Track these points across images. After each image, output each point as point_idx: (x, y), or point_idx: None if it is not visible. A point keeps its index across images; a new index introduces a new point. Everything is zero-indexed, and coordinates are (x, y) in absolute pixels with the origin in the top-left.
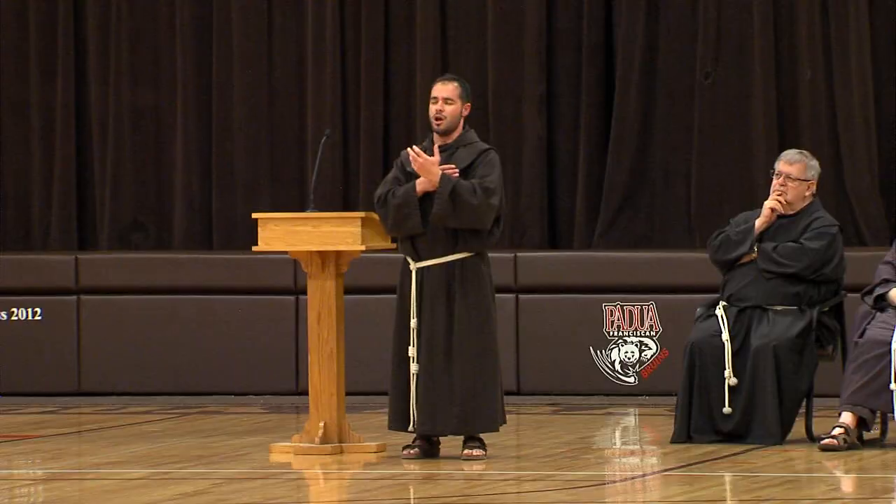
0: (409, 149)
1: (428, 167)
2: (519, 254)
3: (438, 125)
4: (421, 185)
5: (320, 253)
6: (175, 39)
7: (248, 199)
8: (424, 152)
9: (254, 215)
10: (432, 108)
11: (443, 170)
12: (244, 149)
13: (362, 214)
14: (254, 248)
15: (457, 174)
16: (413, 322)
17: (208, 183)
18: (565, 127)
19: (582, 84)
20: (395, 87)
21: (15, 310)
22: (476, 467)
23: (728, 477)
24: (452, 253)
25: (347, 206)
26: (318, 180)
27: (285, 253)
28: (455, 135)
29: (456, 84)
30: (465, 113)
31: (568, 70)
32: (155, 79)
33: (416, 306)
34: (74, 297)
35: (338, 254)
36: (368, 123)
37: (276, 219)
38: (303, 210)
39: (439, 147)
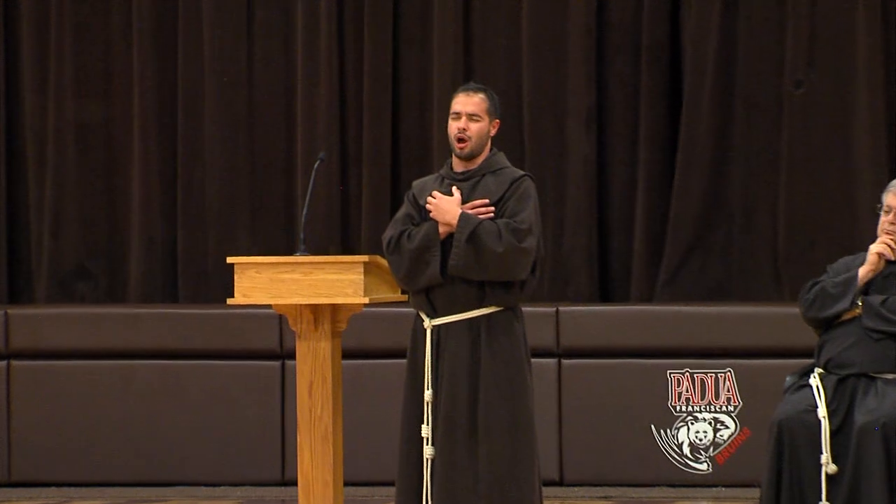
0: (430, 193)
1: (443, 206)
2: (561, 308)
3: (462, 148)
4: (442, 226)
5: (312, 307)
6: (131, 38)
7: (222, 239)
8: (441, 185)
9: (229, 260)
10: (453, 126)
11: (470, 207)
12: (218, 176)
13: (365, 258)
14: (229, 301)
15: (490, 212)
16: (427, 394)
17: (172, 219)
18: (619, 148)
19: (640, 95)
20: (406, 100)
21: None
22: None
23: None
24: (477, 307)
25: (346, 248)
26: (309, 216)
27: (269, 307)
28: (480, 159)
29: (483, 96)
30: (494, 131)
31: (623, 77)
32: (105, 87)
33: (432, 374)
34: (3, 363)
35: (334, 308)
36: (373, 145)
37: (257, 264)
38: (291, 253)
39: (461, 174)
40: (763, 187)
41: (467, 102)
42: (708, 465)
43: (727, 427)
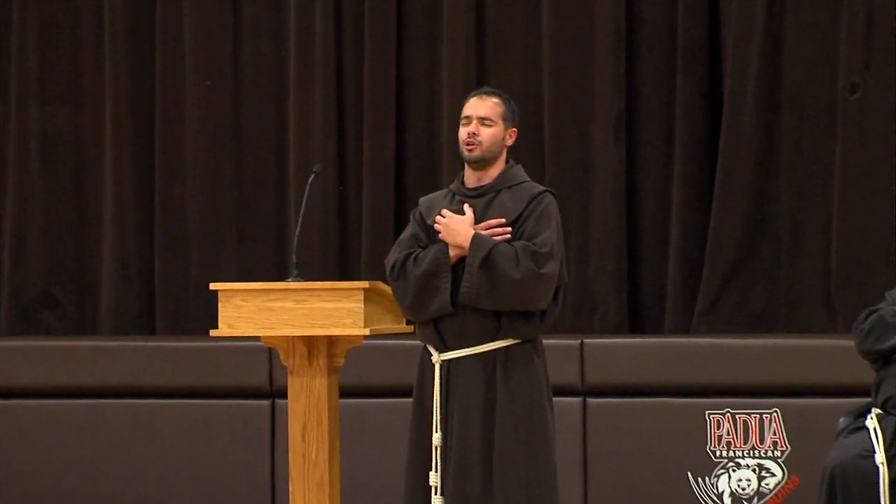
0: (439, 211)
1: (454, 227)
2: (587, 340)
3: (470, 151)
4: (453, 248)
5: (306, 339)
6: (102, 37)
7: (205, 263)
8: (451, 202)
9: (213, 286)
10: (462, 132)
11: (484, 227)
12: (200, 192)
13: (365, 285)
14: (213, 333)
15: (507, 233)
16: (436, 437)
17: (149, 240)
18: (652, 161)
19: (676, 100)
20: (411, 106)
21: None
22: None
23: None
24: (492, 340)
25: (345, 273)
26: (303, 237)
27: (257, 339)
28: (495, 171)
29: (497, 100)
30: (510, 141)
31: (656, 80)
32: (74, 93)
33: (441, 415)
34: None
35: (331, 340)
36: (374, 157)
37: (244, 291)
38: (282, 279)
39: (474, 189)
40: (814, 204)
41: (479, 106)
42: None
43: (773, 475)
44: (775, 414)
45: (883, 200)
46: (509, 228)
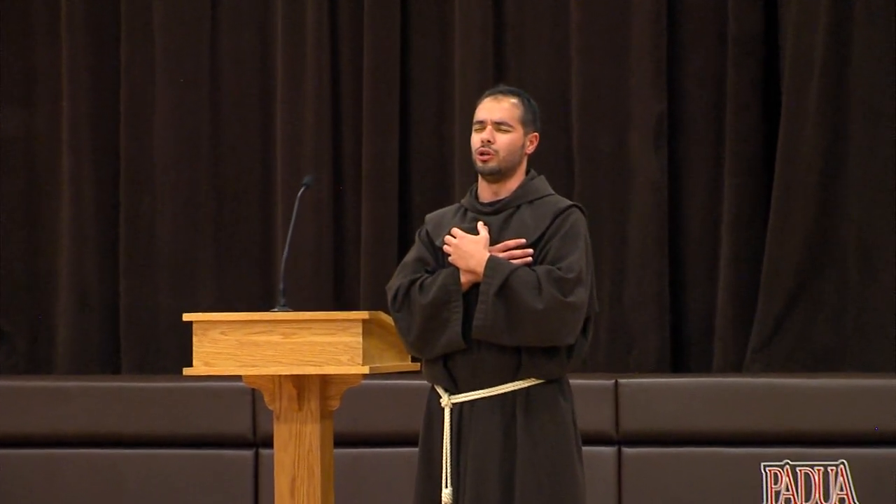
0: (449, 230)
1: (466, 249)
2: (622, 380)
3: (485, 161)
4: (465, 274)
5: (296, 379)
6: (59, 29)
7: (177, 290)
8: (463, 219)
9: (186, 317)
10: (475, 139)
11: (502, 249)
12: (172, 207)
13: (365, 315)
14: (186, 372)
15: (527, 256)
16: (446, 493)
17: (112, 263)
18: (698, 171)
19: (726, 101)
20: (418, 108)
21: None
22: None
23: None
24: (512, 380)
25: (340, 302)
26: (292, 259)
27: (238, 379)
28: (513, 183)
29: (515, 100)
30: (531, 148)
31: (702, 78)
32: (26, 92)
33: (452, 466)
34: None
35: (324, 380)
36: (375, 166)
37: (223, 323)
38: (268, 309)
39: (489, 205)
40: (886, 221)
41: (494, 108)
42: None
43: None
44: (842, 466)
45: None
46: (530, 250)
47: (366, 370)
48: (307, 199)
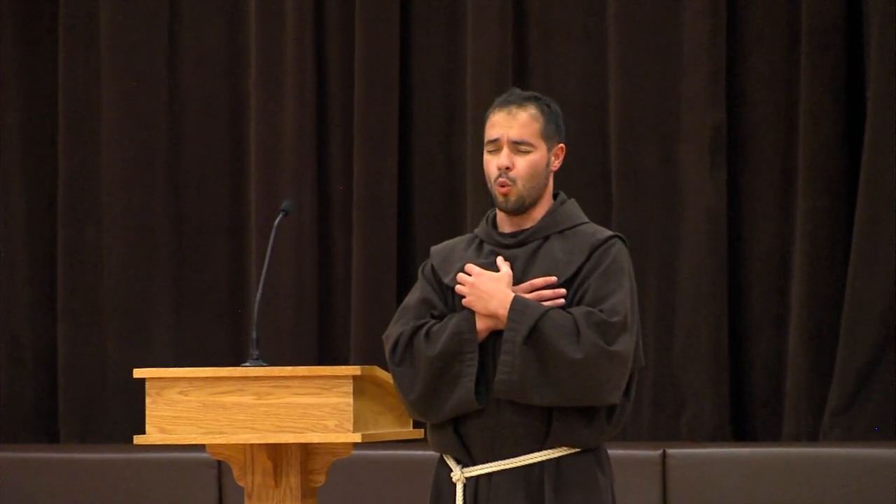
0: (461, 267)
1: (484, 288)
2: (671, 450)
3: (506, 194)
4: (483, 319)
5: (272, 449)
6: None
7: (128, 341)
8: (478, 253)
9: (138, 373)
10: (490, 164)
11: (528, 288)
12: (122, 240)
13: (356, 371)
14: (137, 440)
15: (560, 297)
16: None
17: (49, 308)
18: (764, 193)
19: (798, 108)
20: (421, 116)
21: None
22: None
23: None
24: (539, 448)
25: (326, 354)
26: (267, 304)
27: (202, 449)
28: (540, 210)
29: (534, 110)
30: (557, 164)
31: (768, 80)
32: None
33: None
34: None
35: (307, 451)
36: (369, 189)
37: (182, 380)
38: (238, 364)
39: (510, 236)
40: None
41: (510, 123)
42: None
43: None
44: None
45: None
46: (563, 291)
47: (357, 438)
48: (286, 228)
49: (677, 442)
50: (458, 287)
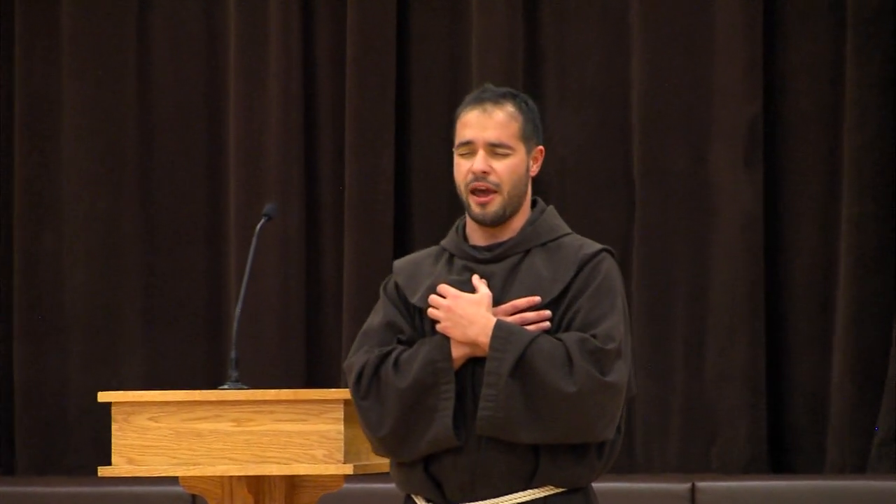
0: (431, 285)
1: (461, 312)
2: (700, 483)
3: (483, 204)
4: (459, 346)
5: (253, 481)
6: None
7: (93, 360)
8: (448, 269)
9: (103, 396)
10: (462, 168)
11: (511, 310)
12: (85, 248)
13: (347, 395)
14: (102, 472)
15: (545, 320)
16: None
17: (4, 325)
18: (806, 197)
19: (843, 101)
20: (420, 113)
21: None
22: None
23: None
24: (523, 488)
25: (313, 377)
26: (247, 320)
27: (174, 482)
28: (518, 220)
29: (511, 108)
30: (536, 168)
31: (812, 70)
32: None
33: None
34: None
35: (292, 484)
36: (362, 192)
37: (153, 404)
38: (215, 385)
39: (485, 250)
40: None
41: (485, 123)
42: None
43: None
44: None
45: None
46: (547, 313)
47: (349, 470)
48: (269, 235)
49: (708, 474)
50: (430, 311)
